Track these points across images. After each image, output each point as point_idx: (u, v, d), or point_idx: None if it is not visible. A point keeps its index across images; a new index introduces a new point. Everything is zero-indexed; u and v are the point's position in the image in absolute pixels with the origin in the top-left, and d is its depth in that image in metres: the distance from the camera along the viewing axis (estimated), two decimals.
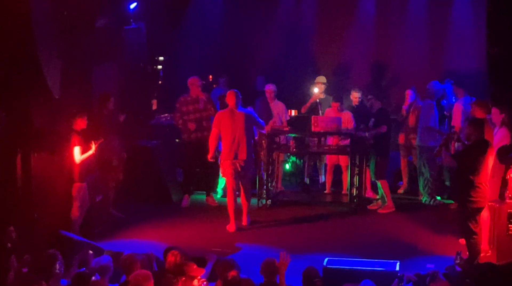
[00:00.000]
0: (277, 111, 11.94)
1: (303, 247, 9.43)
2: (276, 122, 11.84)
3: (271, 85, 12.05)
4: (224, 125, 10.16)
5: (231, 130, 10.11)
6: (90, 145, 9.58)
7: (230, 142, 10.12)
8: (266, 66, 13.78)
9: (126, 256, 7.33)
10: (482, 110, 9.14)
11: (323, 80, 12.38)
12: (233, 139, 10.10)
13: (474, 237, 8.42)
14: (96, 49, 10.53)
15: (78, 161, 9.49)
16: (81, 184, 9.60)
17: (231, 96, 10.16)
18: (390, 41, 14.06)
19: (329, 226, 10.56)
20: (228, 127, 10.12)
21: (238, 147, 10.11)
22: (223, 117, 10.21)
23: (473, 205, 8.38)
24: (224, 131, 10.16)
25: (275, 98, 12.00)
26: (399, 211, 11.05)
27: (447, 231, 9.85)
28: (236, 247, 9.41)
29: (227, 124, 10.14)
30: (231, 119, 10.14)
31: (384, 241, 9.73)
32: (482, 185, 8.36)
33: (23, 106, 8.89)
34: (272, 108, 11.96)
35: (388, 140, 11.05)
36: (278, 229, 10.38)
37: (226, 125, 10.15)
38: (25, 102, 8.91)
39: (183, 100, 11.26)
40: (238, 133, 10.10)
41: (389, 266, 7.77)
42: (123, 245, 9.34)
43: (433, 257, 8.85)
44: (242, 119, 10.13)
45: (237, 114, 10.16)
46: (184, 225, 10.50)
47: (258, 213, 11.10)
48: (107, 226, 9.85)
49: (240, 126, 10.10)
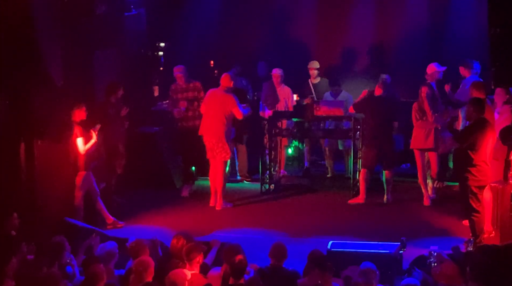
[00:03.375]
0: (283, 96, 11.91)
1: (307, 230, 9.46)
2: (283, 107, 11.83)
3: (278, 69, 12.00)
4: (207, 103, 10.59)
5: (209, 108, 10.51)
6: (91, 134, 9.58)
7: (205, 119, 10.55)
8: (268, 51, 13.73)
9: (134, 242, 7.37)
10: (479, 91, 9.20)
11: (316, 66, 12.36)
12: (207, 117, 10.50)
13: (476, 215, 8.48)
14: (97, 36, 10.51)
15: (83, 151, 9.48)
16: (85, 173, 9.60)
17: (226, 78, 10.50)
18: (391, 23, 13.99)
19: (333, 209, 10.59)
20: (209, 105, 10.54)
21: (210, 126, 10.45)
22: (209, 94, 10.64)
23: (474, 183, 8.45)
24: (206, 108, 10.59)
25: (282, 83, 11.98)
26: (403, 194, 11.07)
27: (451, 213, 9.89)
28: (240, 231, 9.44)
29: (208, 102, 10.57)
30: (214, 98, 10.53)
31: (387, 223, 9.77)
32: (483, 163, 8.43)
33: (25, 95, 8.89)
34: (278, 92, 11.94)
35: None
36: (282, 214, 10.41)
37: (207, 103, 10.59)
38: (27, 90, 8.91)
39: (173, 89, 11.32)
40: (211, 112, 10.46)
41: (393, 248, 7.79)
42: (127, 232, 9.39)
43: (437, 238, 8.85)
44: (219, 99, 10.46)
45: (220, 95, 10.48)
46: (187, 210, 10.52)
47: (261, 198, 11.13)
48: (111, 213, 9.86)
49: (218, 107, 10.43)
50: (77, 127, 9.47)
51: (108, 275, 6.85)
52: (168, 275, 6.41)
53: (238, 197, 11.19)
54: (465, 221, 9.04)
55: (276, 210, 10.58)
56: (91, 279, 6.48)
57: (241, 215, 10.26)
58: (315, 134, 11.62)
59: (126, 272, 7.05)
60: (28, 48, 8.85)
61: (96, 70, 10.73)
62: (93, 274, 6.49)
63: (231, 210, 10.49)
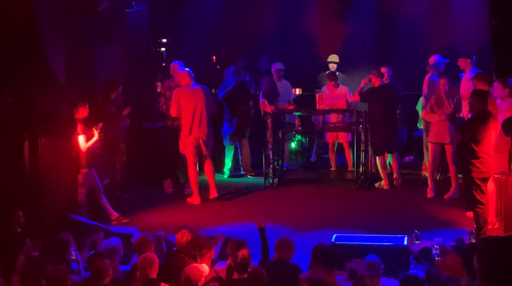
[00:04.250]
0: (283, 91, 11.92)
1: (311, 224, 9.48)
2: (283, 101, 11.84)
3: (278, 64, 12.01)
4: (184, 101, 10.30)
5: (191, 106, 10.26)
6: (93, 131, 9.59)
7: (190, 118, 10.27)
8: (269, 45, 13.74)
9: (140, 237, 7.41)
10: (483, 83, 9.17)
11: (335, 59, 12.42)
12: (194, 115, 10.25)
13: (481, 207, 8.47)
14: (99, 32, 10.51)
15: (84, 149, 9.49)
16: (87, 170, 9.61)
17: (185, 76, 10.33)
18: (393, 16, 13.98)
19: (336, 203, 10.61)
20: (188, 103, 10.28)
21: (200, 123, 10.26)
22: (182, 93, 10.34)
23: (478, 175, 8.44)
24: (184, 107, 10.30)
25: (282, 77, 11.98)
26: (406, 186, 11.09)
27: (455, 205, 9.91)
28: (245, 226, 9.45)
29: (187, 100, 10.29)
30: (191, 95, 10.29)
31: (391, 216, 9.78)
32: (487, 155, 8.42)
33: (29, 91, 8.90)
34: (278, 87, 11.94)
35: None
36: (286, 207, 10.43)
37: (186, 101, 10.29)
38: (30, 87, 8.92)
39: (167, 85, 11.15)
40: (199, 109, 10.27)
41: (397, 240, 7.82)
42: (132, 227, 9.41)
43: (440, 230, 8.88)
44: (202, 95, 10.32)
45: (196, 90, 10.33)
46: (191, 205, 10.54)
47: (265, 192, 11.16)
48: (115, 209, 9.89)
49: (201, 102, 10.28)
50: (79, 125, 9.47)
51: (113, 271, 6.88)
52: (184, 270, 6.44)
53: (242, 192, 11.22)
54: (469, 213, 9.06)
55: (280, 204, 10.59)
56: (97, 274, 6.51)
57: (245, 209, 10.28)
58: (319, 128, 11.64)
59: (132, 268, 7.08)
60: (31, 45, 8.85)
61: (98, 67, 10.74)
62: (99, 269, 6.52)
63: (236, 205, 10.51)
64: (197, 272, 6.47)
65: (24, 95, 8.87)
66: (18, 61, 8.72)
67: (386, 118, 10.92)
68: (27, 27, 8.76)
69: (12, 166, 8.77)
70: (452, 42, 12.72)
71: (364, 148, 11.14)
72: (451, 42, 12.80)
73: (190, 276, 6.38)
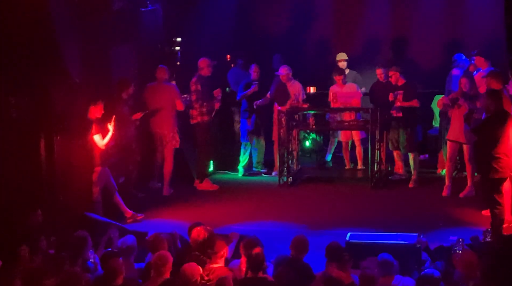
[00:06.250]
0: (293, 92, 11.86)
1: (325, 222, 9.46)
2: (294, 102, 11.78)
3: (284, 68, 11.84)
4: (149, 97, 10.97)
5: (155, 102, 10.88)
6: (107, 127, 9.61)
7: (153, 111, 10.90)
8: (283, 43, 13.73)
9: (152, 236, 7.42)
10: (497, 81, 9.10)
11: (344, 57, 12.41)
12: (156, 110, 10.83)
13: (498, 208, 8.40)
14: (114, 32, 10.56)
15: (103, 146, 9.50)
16: (101, 168, 9.64)
17: (162, 71, 10.97)
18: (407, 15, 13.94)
19: (351, 201, 10.59)
20: (153, 99, 10.92)
21: (161, 117, 10.80)
22: (150, 89, 11.01)
23: (496, 175, 8.35)
24: (149, 103, 10.94)
25: (291, 78, 11.93)
26: (421, 184, 11.06)
27: (470, 203, 9.86)
28: (259, 224, 9.47)
29: (151, 96, 10.95)
30: (156, 91, 10.94)
31: (406, 214, 9.74)
32: (505, 155, 8.33)
33: (44, 91, 8.96)
34: (289, 88, 11.90)
35: (416, 113, 11.12)
36: (300, 206, 10.42)
37: (150, 97, 10.97)
38: (46, 86, 8.98)
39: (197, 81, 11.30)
40: (160, 105, 10.81)
41: (411, 239, 7.79)
42: (147, 225, 9.44)
43: (456, 229, 8.83)
44: (166, 92, 10.90)
45: (163, 87, 10.94)
46: (206, 204, 10.55)
47: (279, 191, 11.16)
48: (130, 207, 9.92)
49: (164, 98, 10.86)
50: (94, 124, 9.47)
51: (128, 269, 6.91)
52: (182, 268, 6.45)
53: (256, 190, 11.23)
54: (485, 211, 9.01)
55: (295, 203, 10.59)
56: (110, 273, 6.53)
57: (259, 208, 10.28)
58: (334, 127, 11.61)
59: (146, 266, 7.10)
60: (47, 45, 8.90)
61: (113, 66, 10.78)
62: (112, 268, 6.53)
63: (250, 203, 10.51)
64: (193, 270, 6.46)
65: (39, 95, 8.93)
66: (34, 61, 8.77)
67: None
68: (42, 27, 8.81)
69: (28, 164, 8.83)
70: (465, 40, 12.67)
71: (379, 146, 11.06)
72: (464, 39, 12.75)
73: (185, 273, 6.38)
